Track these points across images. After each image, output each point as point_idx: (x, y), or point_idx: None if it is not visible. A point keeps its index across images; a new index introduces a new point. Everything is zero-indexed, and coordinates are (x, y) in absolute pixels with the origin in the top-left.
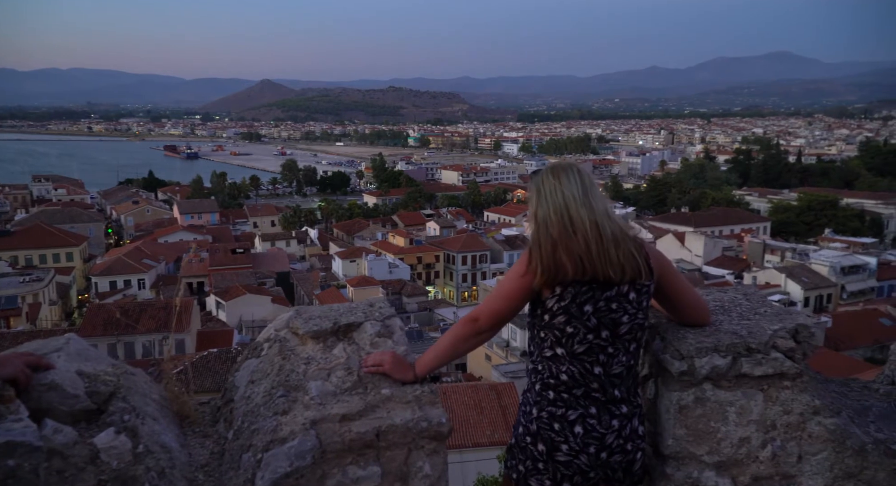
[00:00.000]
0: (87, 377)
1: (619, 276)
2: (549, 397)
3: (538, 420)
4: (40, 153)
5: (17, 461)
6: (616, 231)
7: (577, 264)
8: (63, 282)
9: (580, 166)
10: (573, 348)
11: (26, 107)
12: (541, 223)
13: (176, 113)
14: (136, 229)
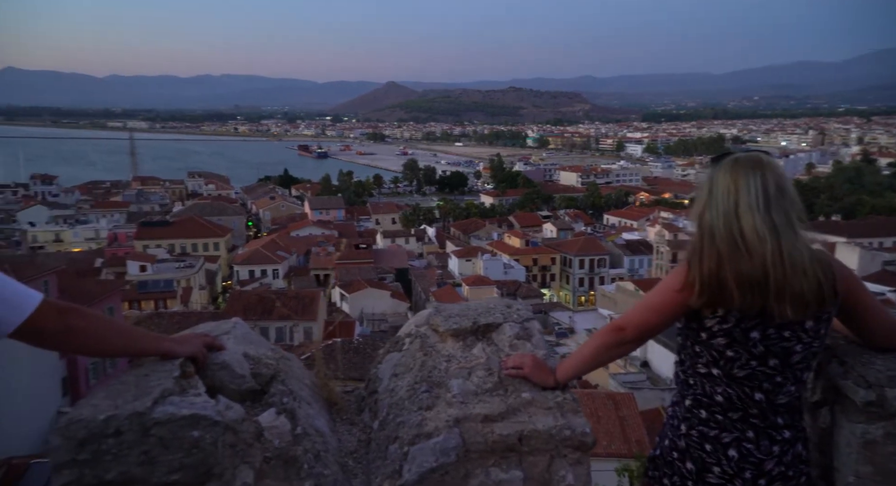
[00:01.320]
0: (252, 360)
1: (800, 313)
2: (701, 416)
3: (687, 438)
4: (195, 152)
5: (201, 433)
6: (804, 257)
7: (747, 294)
8: (210, 269)
9: (773, 163)
10: (732, 371)
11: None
12: (706, 230)
13: (309, 115)
14: (272, 223)
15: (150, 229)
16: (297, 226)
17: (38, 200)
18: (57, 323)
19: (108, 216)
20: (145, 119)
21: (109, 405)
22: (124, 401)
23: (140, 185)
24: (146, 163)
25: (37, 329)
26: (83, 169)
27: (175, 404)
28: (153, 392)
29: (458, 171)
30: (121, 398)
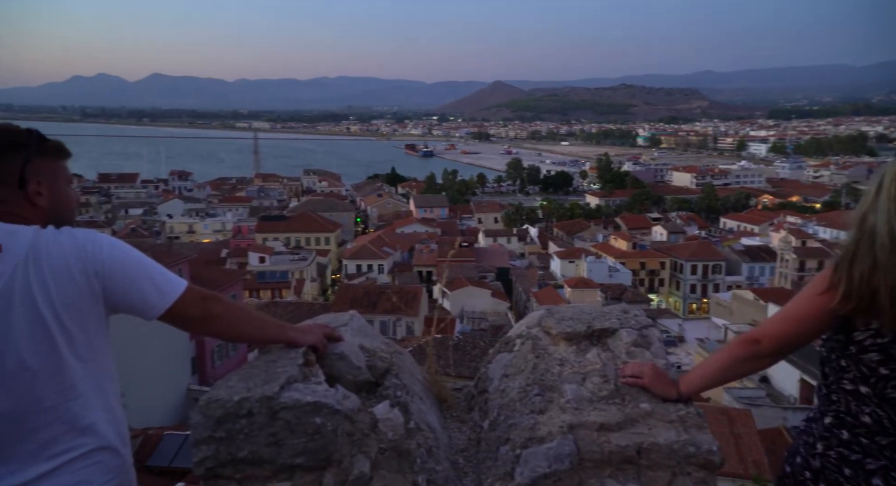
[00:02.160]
0: (367, 352)
1: None
2: (843, 437)
3: (823, 458)
4: (310, 151)
5: (323, 420)
6: None
7: None
8: (321, 262)
9: None
10: (885, 391)
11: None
12: (865, 233)
13: (417, 114)
14: (378, 220)
15: (268, 223)
16: (402, 223)
17: (175, 194)
18: (199, 309)
19: (233, 210)
20: (267, 120)
21: (242, 387)
22: (255, 385)
23: (261, 181)
24: (267, 161)
25: (181, 314)
26: (214, 166)
27: (299, 390)
28: (280, 378)
29: (563, 170)
30: (252, 382)
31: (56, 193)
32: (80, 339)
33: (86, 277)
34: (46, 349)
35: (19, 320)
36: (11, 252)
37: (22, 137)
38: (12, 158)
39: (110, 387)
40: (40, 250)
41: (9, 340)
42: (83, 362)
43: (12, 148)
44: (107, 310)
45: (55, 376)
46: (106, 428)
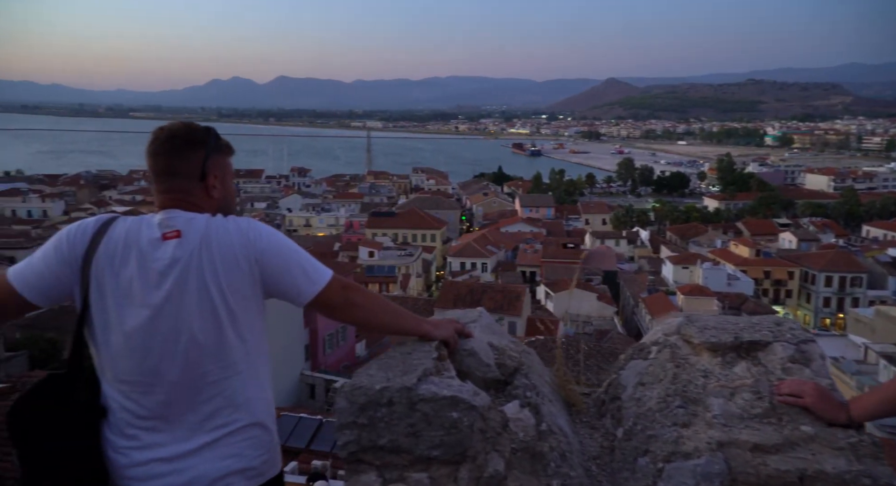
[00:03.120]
0: (496, 350)
1: None
2: None
3: None
4: (419, 149)
5: (459, 415)
6: None
7: None
8: (427, 259)
9: None
10: None
11: (413, 110)
12: None
13: (525, 113)
14: (483, 218)
15: (378, 219)
16: (507, 222)
17: (294, 189)
18: (342, 297)
19: (346, 206)
20: (380, 119)
21: (382, 377)
22: (394, 375)
23: (373, 178)
24: (379, 159)
25: (326, 301)
26: (330, 163)
27: (436, 384)
28: (417, 370)
29: (679, 171)
30: (391, 372)
31: (226, 186)
32: (242, 320)
33: (248, 262)
34: (213, 328)
35: (193, 299)
36: (189, 238)
37: (203, 134)
38: (196, 154)
39: (264, 368)
40: (211, 236)
41: (184, 317)
42: (243, 342)
43: (196, 145)
44: (263, 294)
45: (219, 353)
46: (259, 406)
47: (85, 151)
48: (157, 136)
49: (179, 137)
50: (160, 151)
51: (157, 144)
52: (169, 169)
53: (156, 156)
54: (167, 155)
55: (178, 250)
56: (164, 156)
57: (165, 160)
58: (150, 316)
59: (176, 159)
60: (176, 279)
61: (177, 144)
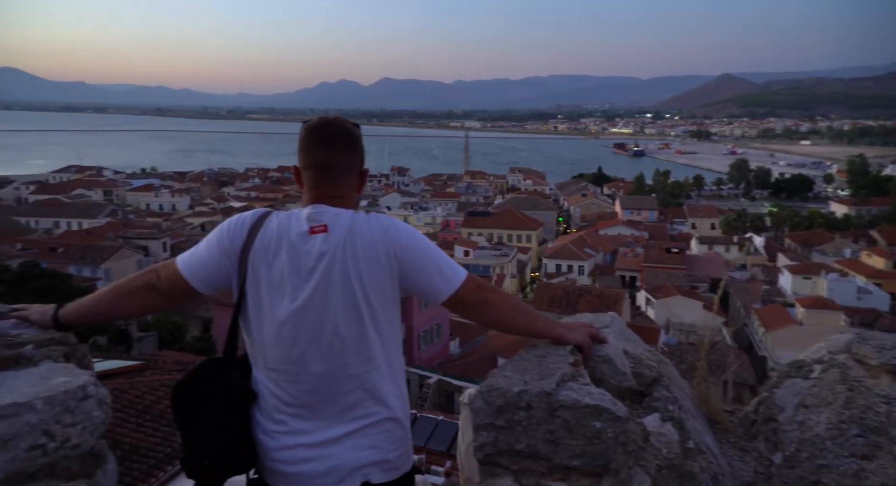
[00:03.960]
0: (632, 358)
1: None
2: None
3: None
4: (516, 149)
5: (602, 425)
6: None
7: None
8: (522, 259)
9: None
10: None
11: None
12: None
13: (629, 112)
14: (581, 220)
15: (474, 219)
16: (606, 224)
17: (394, 188)
18: (477, 297)
19: (442, 205)
20: (479, 119)
21: (519, 379)
22: (531, 378)
23: (470, 178)
24: (476, 158)
25: (461, 300)
26: (428, 162)
27: (574, 390)
28: (555, 375)
29: (802, 173)
30: (528, 375)
31: (364, 182)
32: (381, 315)
33: (388, 259)
34: (355, 321)
35: (337, 292)
36: (335, 232)
37: (358, 131)
38: (359, 150)
39: (399, 364)
40: (355, 232)
41: (329, 310)
42: (381, 337)
43: (359, 141)
44: (401, 291)
45: (360, 347)
46: (395, 401)
47: (208, 149)
48: (306, 130)
49: (351, 133)
50: (309, 146)
51: (306, 139)
52: (335, 163)
53: (305, 151)
54: (314, 150)
55: (324, 245)
56: (311, 151)
57: (335, 155)
58: (298, 307)
59: (344, 154)
60: (322, 273)
61: (346, 139)
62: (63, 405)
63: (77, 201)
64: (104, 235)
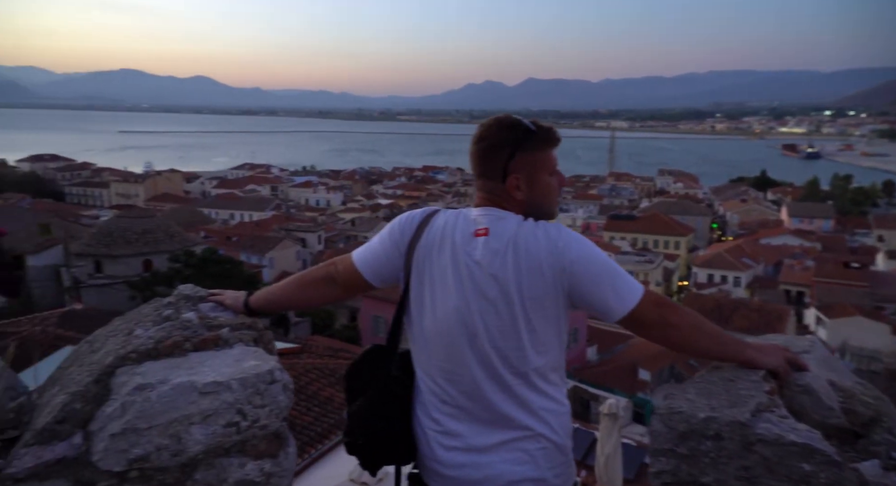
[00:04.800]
0: (841, 391)
1: None
2: None
3: None
4: (667, 149)
5: (813, 468)
6: None
7: None
8: (668, 267)
9: None
10: None
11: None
12: None
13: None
14: (739, 227)
15: (617, 222)
16: (769, 233)
17: None
18: (656, 316)
19: (584, 207)
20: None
21: (705, 404)
22: (719, 404)
23: (614, 180)
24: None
25: (638, 319)
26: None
27: (775, 423)
28: (748, 403)
29: None
30: (714, 400)
31: (534, 185)
32: (540, 331)
33: (553, 272)
34: (511, 333)
35: (494, 300)
36: (496, 238)
37: (509, 132)
38: (499, 155)
39: (560, 380)
40: (519, 241)
41: (484, 316)
42: (538, 353)
43: (501, 145)
44: (569, 306)
45: (515, 360)
46: (553, 418)
47: (361, 149)
48: (473, 136)
49: (486, 139)
50: (471, 152)
51: (471, 144)
52: (476, 170)
53: (469, 156)
54: (475, 157)
55: (484, 249)
56: (473, 157)
57: (474, 162)
58: (456, 308)
59: (481, 161)
60: (480, 277)
61: (482, 146)
62: (254, 387)
63: (249, 196)
64: (270, 226)
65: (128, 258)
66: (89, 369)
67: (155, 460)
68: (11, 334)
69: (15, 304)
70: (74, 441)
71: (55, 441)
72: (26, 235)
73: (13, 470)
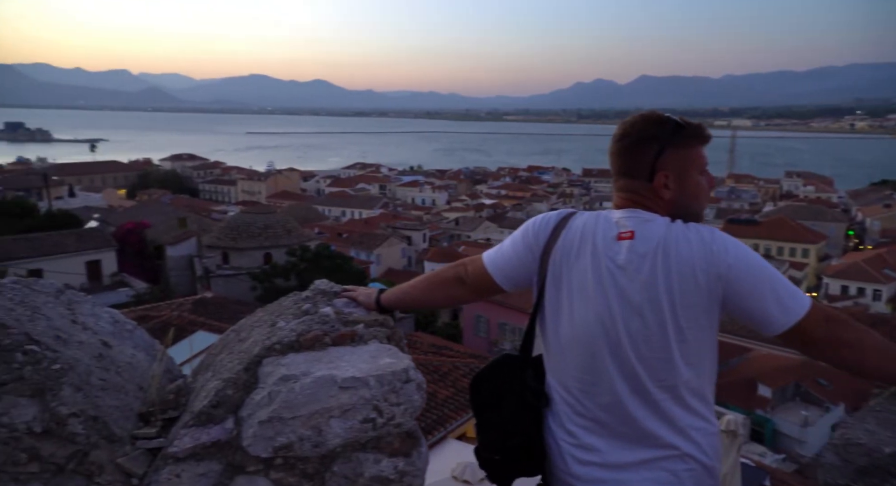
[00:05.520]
0: None
1: None
2: None
3: None
4: (796, 150)
5: None
6: None
7: None
8: (794, 276)
9: None
10: None
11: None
12: None
13: None
14: (881, 235)
15: (736, 227)
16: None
17: None
18: (825, 332)
19: None
20: (750, 117)
21: (889, 438)
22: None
23: (733, 182)
24: (743, 160)
25: (803, 334)
26: None
27: None
28: None
29: None
30: None
31: (683, 184)
32: (691, 342)
33: (707, 278)
34: (659, 342)
35: (641, 307)
36: (643, 241)
37: (655, 128)
38: (645, 152)
39: (709, 397)
40: (670, 244)
41: (630, 324)
42: (689, 366)
43: (646, 141)
44: (720, 314)
45: (662, 372)
46: (702, 438)
47: (467, 148)
48: (614, 133)
49: (629, 135)
50: (612, 150)
51: (612, 142)
52: (619, 168)
53: (610, 155)
54: (617, 154)
55: (630, 253)
56: (615, 155)
57: (616, 160)
58: (597, 316)
59: (624, 158)
60: (624, 283)
61: (626, 143)
62: (390, 384)
63: (359, 194)
64: (377, 224)
65: (251, 251)
66: (238, 357)
67: (297, 449)
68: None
69: (156, 290)
70: (227, 425)
71: (210, 424)
72: (165, 228)
73: (175, 449)
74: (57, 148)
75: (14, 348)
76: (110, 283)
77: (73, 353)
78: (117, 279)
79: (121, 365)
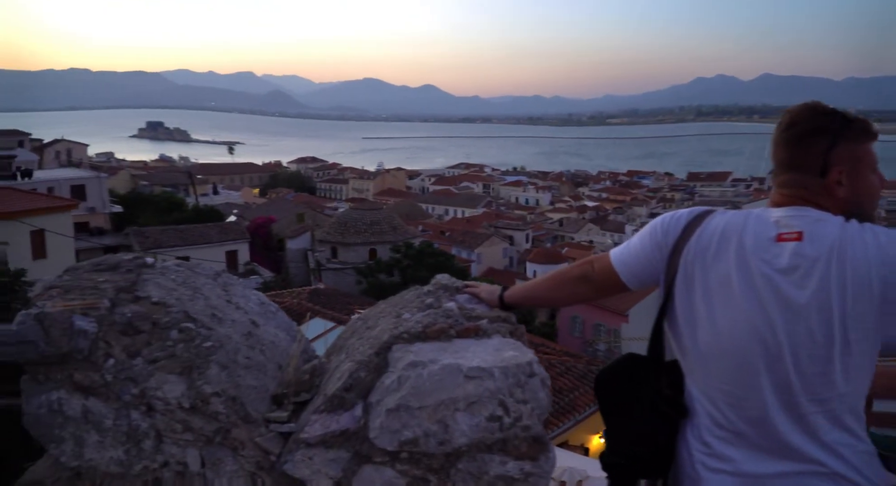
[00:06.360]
0: None
1: None
2: None
3: None
4: None
5: None
6: None
7: None
8: None
9: None
10: None
11: None
12: None
13: None
14: None
15: None
16: None
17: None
18: None
19: None
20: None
21: None
22: None
23: None
24: None
25: None
26: None
27: None
28: None
29: None
30: None
31: (857, 182)
32: (855, 354)
33: (883, 285)
34: (822, 357)
35: (807, 317)
36: (814, 244)
37: (827, 119)
38: (817, 144)
39: (861, 412)
40: (845, 247)
41: (791, 334)
42: (847, 379)
43: (818, 132)
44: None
45: (818, 386)
46: (850, 454)
47: (568, 152)
48: (780, 121)
49: (798, 125)
50: (779, 139)
51: (777, 131)
52: (785, 161)
53: (774, 145)
54: (784, 145)
55: (796, 256)
56: (781, 145)
57: (782, 151)
58: (750, 325)
59: (793, 150)
60: (787, 290)
61: (795, 132)
62: (515, 377)
63: (462, 193)
64: (480, 223)
65: (357, 246)
66: (370, 342)
67: (423, 445)
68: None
69: (279, 278)
70: (356, 413)
71: (341, 410)
72: (287, 223)
73: (305, 436)
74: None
75: (171, 326)
76: (244, 271)
77: (226, 330)
78: (249, 268)
79: (265, 343)
